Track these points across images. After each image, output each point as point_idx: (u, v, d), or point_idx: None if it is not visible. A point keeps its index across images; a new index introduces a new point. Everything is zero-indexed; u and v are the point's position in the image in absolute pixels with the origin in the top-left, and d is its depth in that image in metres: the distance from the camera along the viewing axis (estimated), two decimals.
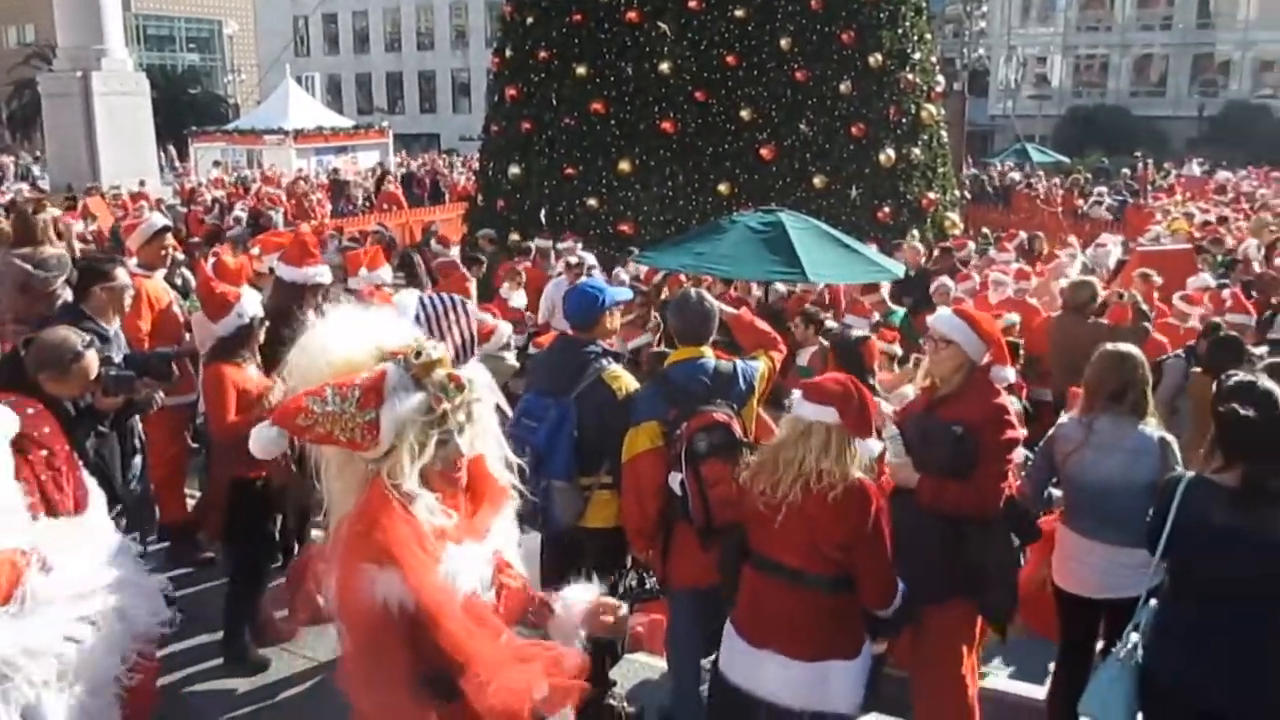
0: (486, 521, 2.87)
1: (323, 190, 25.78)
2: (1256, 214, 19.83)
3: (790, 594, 3.62)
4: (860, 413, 3.53)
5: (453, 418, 2.70)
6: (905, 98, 16.44)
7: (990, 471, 3.91)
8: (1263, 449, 3.38)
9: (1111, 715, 3.63)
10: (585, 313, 4.72)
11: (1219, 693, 3.42)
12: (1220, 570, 3.42)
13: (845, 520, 3.49)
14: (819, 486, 3.48)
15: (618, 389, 4.57)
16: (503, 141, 17.35)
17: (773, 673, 3.65)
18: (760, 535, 3.71)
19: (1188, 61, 53.58)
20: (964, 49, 37.19)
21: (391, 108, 63.19)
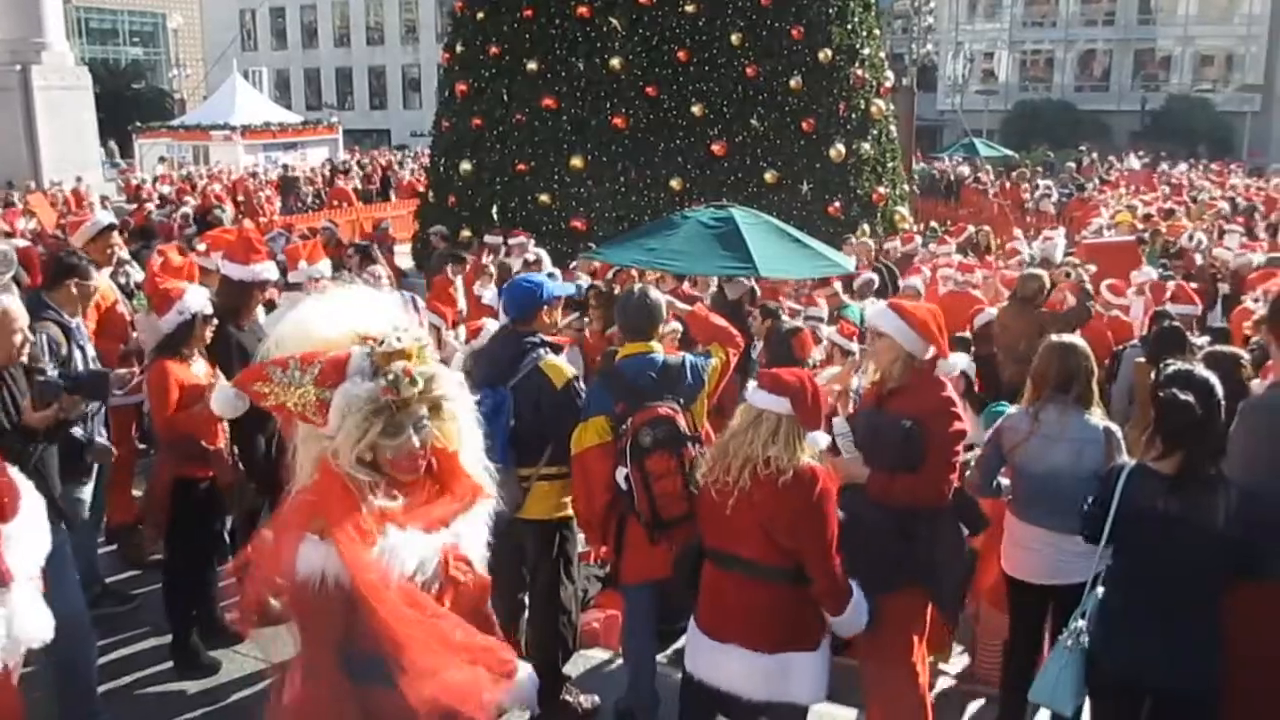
0: (442, 513, 2.84)
1: (271, 187, 25.50)
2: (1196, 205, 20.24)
3: (748, 586, 3.65)
4: (812, 405, 3.57)
5: (408, 410, 2.69)
6: (855, 93, 16.57)
7: (938, 463, 3.95)
8: (1198, 436, 3.46)
9: (1061, 702, 3.71)
10: (524, 306, 4.73)
11: (1160, 674, 3.50)
12: (1160, 555, 3.50)
13: (791, 503, 3.53)
14: (766, 473, 3.52)
15: (555, 379, 4.57)
16: (454, 137, 17.26)
17: (735, 665, 3.67)
18: (715, 530, 3.73)
19: (1130, 57, 54.52)
20: (912, 45, 37.47)
21: (341, 103, 62.55)
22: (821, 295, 9.21)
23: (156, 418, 5.04)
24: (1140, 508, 3.51)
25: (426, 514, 2.78)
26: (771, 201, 14.53)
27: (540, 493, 4.63)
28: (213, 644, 5.26)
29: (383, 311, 2.88)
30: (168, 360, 4.99)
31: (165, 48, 72.41)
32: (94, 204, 18.51)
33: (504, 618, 4.92)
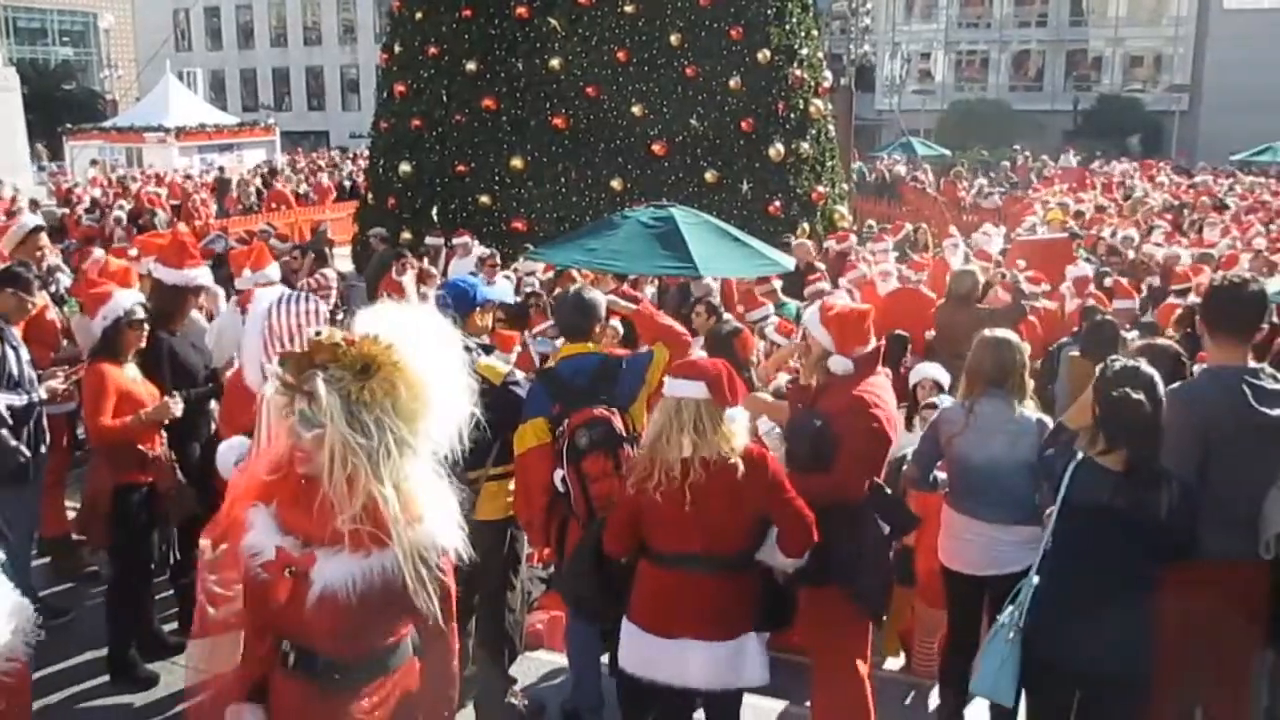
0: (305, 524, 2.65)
1: (207, 190, 25.09)
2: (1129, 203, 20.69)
3: (702, 581, 3.68)
4: (727, 384, 3.60)
5: (294, 408, 2.57)
6: (793, 93, 16.69)
7: (847, 462, 3.98)
8: (1147, 433, 3.53)
9: (1003, 693, 3.77)
10: (457, 308, 4.69)
11: (1097, 660, 3.57)
12: (1102, 547, 3.57)
13: (756, 486, 3.60)
14: (719, 467, 3.56)
15: (492, 378, 4.55)
16: (393, 139, 17.12)
17: (692, 659, 3.70)
18: (660, 530, 3.74)
19: (1062, 57, 55.53)
20: (850, 45, 37.81)
21: (278, 104, 61.68)
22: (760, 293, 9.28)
23: (90, 423, 4.95)
24: (1086, 501, 3.57)
25: (307, 518, 2.64)
26: (712, 201, 14.59)
27: (489, 493, 4.62)
28: (151, 656, 5.17)
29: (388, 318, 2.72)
30: (105, 364, 4.91)
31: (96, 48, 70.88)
32: (23, 208, 18.08)
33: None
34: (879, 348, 4.30)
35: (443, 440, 2.68)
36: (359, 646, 2.70)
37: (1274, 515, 3.79)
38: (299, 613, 2.60)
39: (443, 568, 2.66)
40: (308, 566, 2.59)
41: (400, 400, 2.53)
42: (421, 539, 2.59)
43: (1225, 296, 3.96)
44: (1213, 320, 3.98)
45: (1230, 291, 3.97)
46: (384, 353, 2.52)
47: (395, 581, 2.57)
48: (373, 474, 2.49)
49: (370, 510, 2.53)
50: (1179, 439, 3.67)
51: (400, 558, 2.55)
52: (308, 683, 2.70)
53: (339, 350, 2.50)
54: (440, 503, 2.66)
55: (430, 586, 2.60)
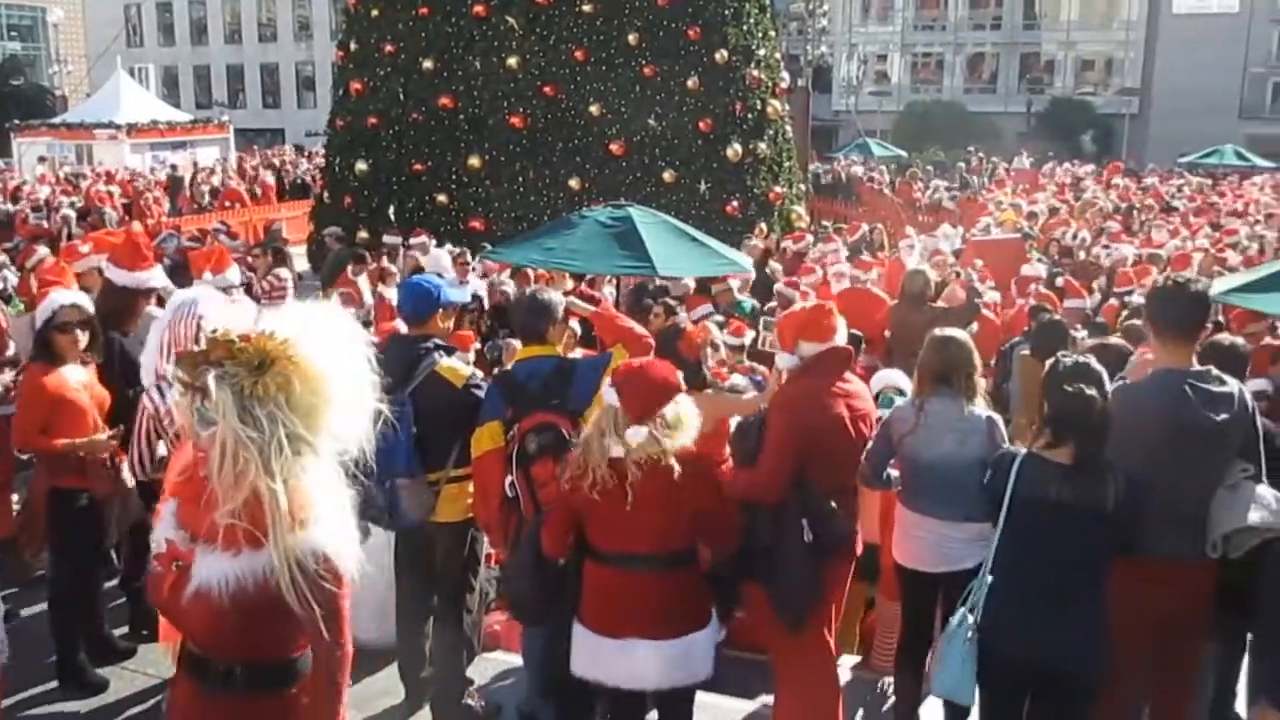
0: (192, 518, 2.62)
1: (160, 188, 24.73)
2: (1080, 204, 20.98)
3: (647, 580, 3.71)
4: (634, 396, 3.62)
5: (191, 407, 2.53)
6: (751, 93, 16.78)
7: (764, 458, 3.99)
8: (1094, 428, 3.59)
9: (964, 694, 3.81)
10: (419, 308, 4.68)
11: (1049, 655, 3.62)
12: (1051, 541, 3.62)
13: (694, 487, 3.64)
14: (654, 466, 3.59)
15: (454, 380, 4.54)
16: (349, 137, 17.02)
17: (640, 657, 3.72)
18: (601, 530, 3.76)
19: (1016, 60, 56.16)
20: (807, 46, 38.08)
21: (232, 102, 60.89)
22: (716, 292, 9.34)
23: (15, 431, 4.85)
24: (1034, 496, 3.62)
25: (194, 511, 2.60)
26: (670, 201, 14.64)
27: (450, 495, 4.61)
28: (100, 662, 5.10)
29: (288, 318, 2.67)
30: (38, 369, 4.81)
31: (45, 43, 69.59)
32: None
33: (411, 621, 4.91)
34: (834, 348, 4.31)
35: (349, 440, 2.60)
36: (248, 652, 2.59)
37: (1220, 516, 3.85)
38: (178, 609, 2.56)
39: (326, 576, 2.50)
40: (190, 561, 2.54)
41: (295, 395, 2.46)
42: (301, 543, 2.46)
43: (1169, 297, 4.00)
44: (1157, 321, 4.00)
45: (1174, 292, 4.01)
46: (280, 348, 2.47)
47: (272, 585, 2.46)
48: (263, 469, 2.41)
49: (250, 507, 2.44)
50: (1119, 439, 3.73)
51: (275, 560, 2.45)
52: (197, 684, 2.63)
53: (234, 347, 2.45)
54: (336, 508, 2.56)
55: (310, 595, 2.47)
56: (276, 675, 2.62)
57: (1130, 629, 3.80)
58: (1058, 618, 3.62)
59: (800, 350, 4.22)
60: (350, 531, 2.59)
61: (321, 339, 2.55)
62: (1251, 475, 3.92)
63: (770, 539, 4.01)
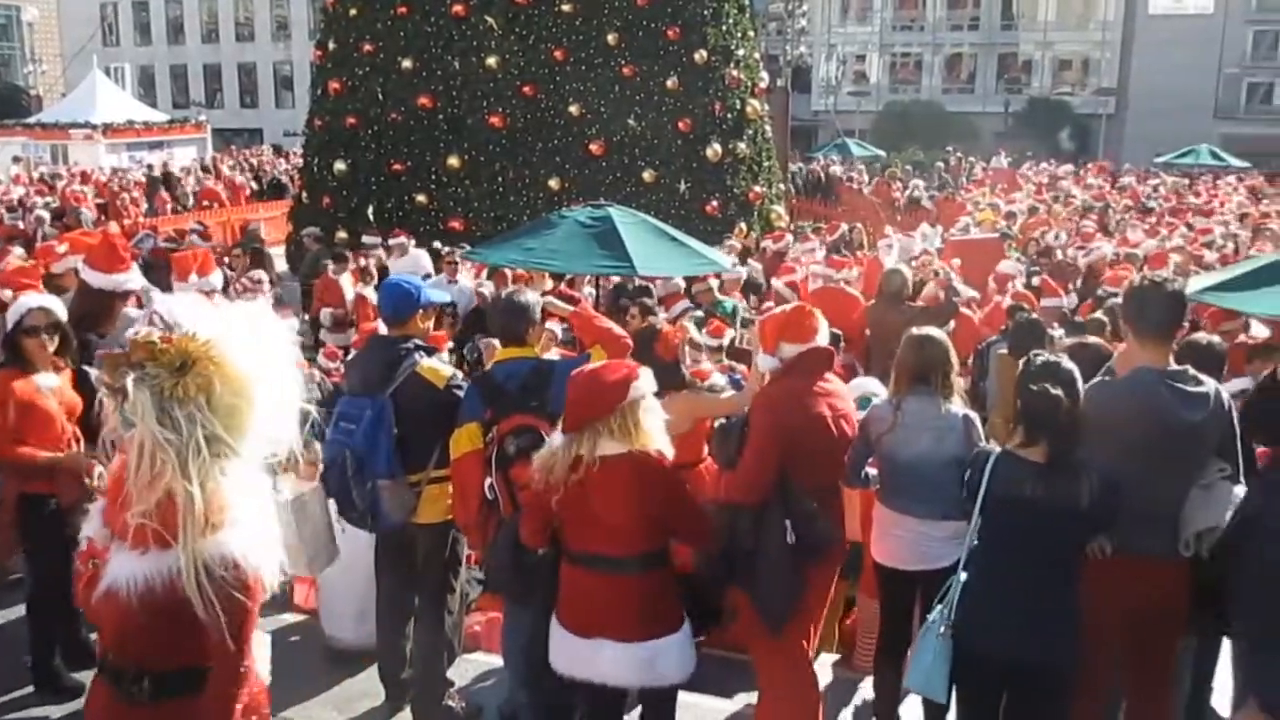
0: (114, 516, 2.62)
1: (137, 188, 24.56)
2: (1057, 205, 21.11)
3: (613, 582, 3.72)
4: (573, 406, 3.66)
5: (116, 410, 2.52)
6: (730, 93, 16.79)
7: (745, 459, 4.00)
8: (1064, 426, 3.61)
9: (936, 689, 3.83)
10: (399, 309, 4.67)
11: (1024, 649, 3.65)
12: (1025, 538, 3.66)
13: (650, 488, 3.65)
14: (607, 466, 3.60)
15: (435, 380, 4.54)
16: (327, 137, 16.94)
17: (608, 657, 3.74)
18: (568, 529, 3.78)
19: (994, 60, 56.44)
20: (786, 46, 38.23)
21: (210, 101, 60.49)
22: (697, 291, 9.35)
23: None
24: (1008, 493, 3.65)
25: (112, 506, 2.61)
26: (649, 200, 14.64)
27: (431, 496, 4.60)
28: (76, 666, 5.06)
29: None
30: (7, 373, 4.72)
31: (20, 42, 68.95)
32: None
33: (392, 622, 4.90)
34: (815, 348, 4.32)
35: (274, 442, 2.55)
36: (156, 655, 2.51)
37: (1193, 515, 3.88)
38: (90, 607, 2.54)
39: (235, 584, 2.42)
40: (104, 559, 2.52)
41: (216, 397, 2.42)
42: (210, 547, 2.39)
43: (1146, 297, 4.02)
44: (1134, 320, 4.02)
45: (1150, 291, 4.03)
46: (201, 349, 2.42)
47: (179, 588, 2.40)
48: (180, 470, 2.37)
49: (163, 508, 2.40)
50: (1096, 437, 3.75)
51: (182, 562, 2.38)
52: (110, 687, 2.57)
53: (156, 349, 2.42)
54: (257, 514, 2.49)
55: (217, 601, 2.39)
56: (184, 682, 2.52)
57: (1106, 626, 3.84)
58: (1031, 613, 3.65)
59: (781, 351, 4.24)
60: (272, 539, 2.52)
61: (246, 340, 2.51)
62: (1229, 475, 3.95)
63: (752, 541, 4.02)
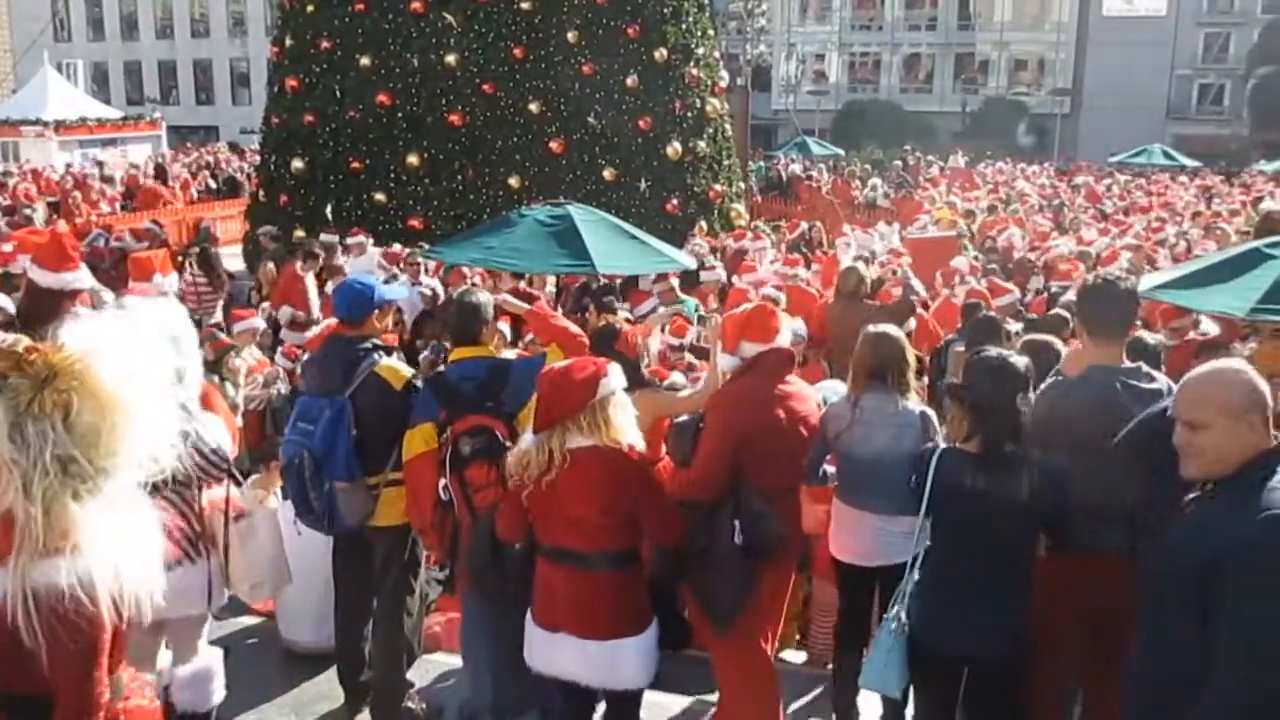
0: None
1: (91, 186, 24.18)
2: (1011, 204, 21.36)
3: (579, 577, 3.72)
4: (545, 403, 3.65)
5: None
6: (690, 92, 16.82)
7: (698, 457, 4.00)
8: (996, 417, 3.67)
9: (890, 685, 3.86)
10: (355, 309, 4.62)
11: (976, 643, 3.69)
12: (970, 530, 3.70)
13: (620, 484, 3.65)
14: (577, 461, 3.60)
15: (394, 381, 4.50)
16: (284, 134, 16.75)
17: (569, 654, 3.74)
18: (544, 526, 3.78)
19: (951, 60, 57.03)
20: (746, 45, 38.39)
21: (165, 98, 59.75)
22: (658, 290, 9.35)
23: None
24: (951, 486, 3.69)
25: None
26: (610, 199, 14.62)
27: (389, 498, 4.56)
28: None
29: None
30: None
31: None
32: None
33: (350, 624, 4.86)
34: (775, 349, 4.33)
35: (143, 464, 2.39)
36: (11, 677, 2.34)
37: None
38: None
39: (72, 615, 2.23)
40: None
41: (74, 415, 2.26)
42: (40, 574, 2.22)
43: (1098, 294, 4.07)
44: (1088, 319, 4.06)
45: (1103, 289, 4.07)
46: (66, 363, 2.27)
47: (8, 612, 2.23)
48: (23, 491, 2.22)
49: (3, 526, 2.25)
50: (1052, 434, 3.80)
51: (9, 587, 2.22)
52: None
53: (22, 359, 2.28)
54: (116, 541, 2.30)
55: (49, 631, 2.21)
56: (34, 709, 2.34)
57: (1066, 623, 3.89)
58: (979, 606, 3.69)
59: (742, 350, 4.25)
60: (136, 566, 2.34)
61: (121, 355, 2.36)
62: None
63: (704, 539, 4.02)
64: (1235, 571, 2.58)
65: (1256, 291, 5.81)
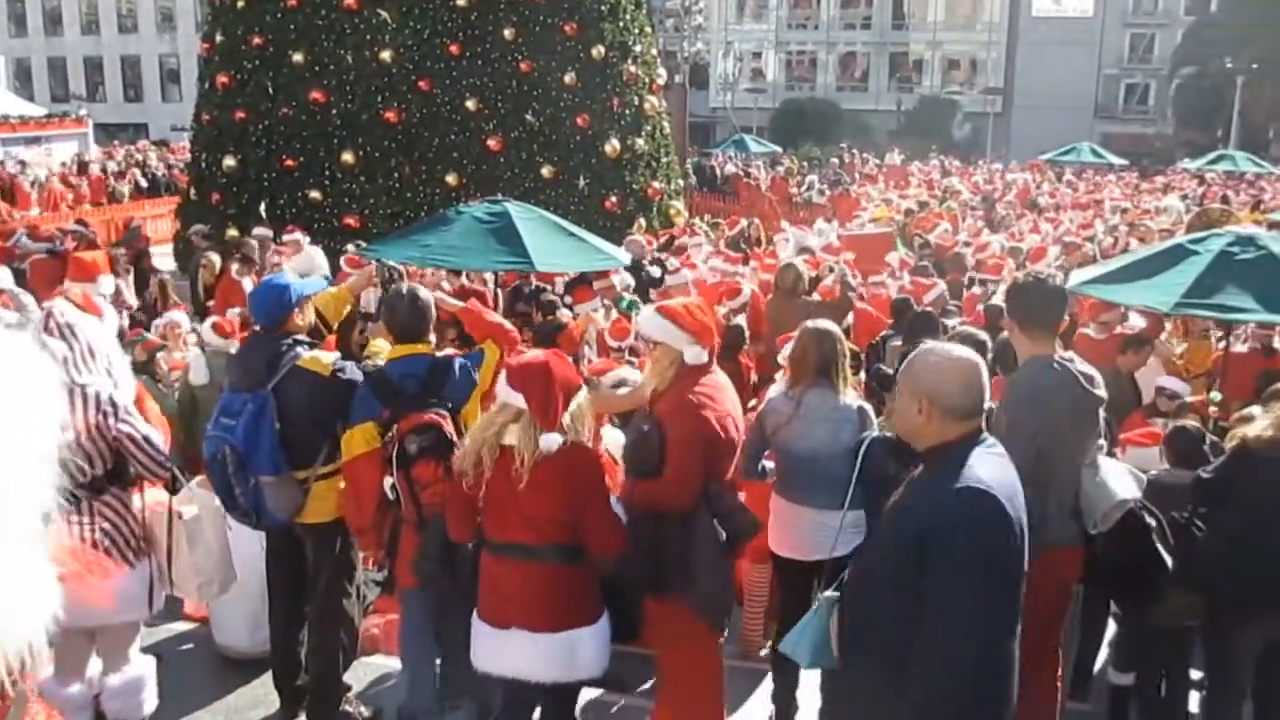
0: None
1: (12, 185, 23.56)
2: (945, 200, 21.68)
3: (528, 570, 3.69)
4: (544, 400, 3.61)
5: None
6: (628, 89, 16.84)
7: (674, 466, 3.90)
8: None
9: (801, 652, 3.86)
10: (273, 311, 4.53)
11: None
12: None
13: (572, 484, 3.61)
14: (539, 459, 3.57)
15: (319, 370, 4.41)
16: (215, 132, 16.46)
17: (521, 650, 3.71)
18: (488, 517, 3.76)
19: (885, 59, 57.72)
20: (684, 43, 38.48)
21: (91, 95, 58.40)
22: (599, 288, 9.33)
23: None
24: (878, 474, 3.76)
25: None
26: (549, 196, 14.60)
27: (318, 493, 4.49)
28: None
29: None
30: None
31: None
32: None
33: (285, 625, 4.79)
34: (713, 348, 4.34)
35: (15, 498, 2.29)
36: None
37: (1096, 494, 4.01)
38: None
39: None
40: None
41: None
42: None
43: (1030, 291, 4.13)
44: (1021, 316, 4.11)
45: (1034, 287, 4.15)
46: None
47: None
48: None
49: None
50: (1025, 426, 3.83)
51: None
52: None
53: None
54: None
55: None
56: None
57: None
58: None
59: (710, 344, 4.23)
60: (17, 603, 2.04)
61: None
62: (1104, 450, 4.14)
63: (683, 545, 3.93)
64: (932, 547, 2.67)
65: (1181, 287, 5.93)
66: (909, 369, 2.93)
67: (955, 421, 2.81)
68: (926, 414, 2.81)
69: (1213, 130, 45.78)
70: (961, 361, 2.86)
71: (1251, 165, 30.22)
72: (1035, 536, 3.83)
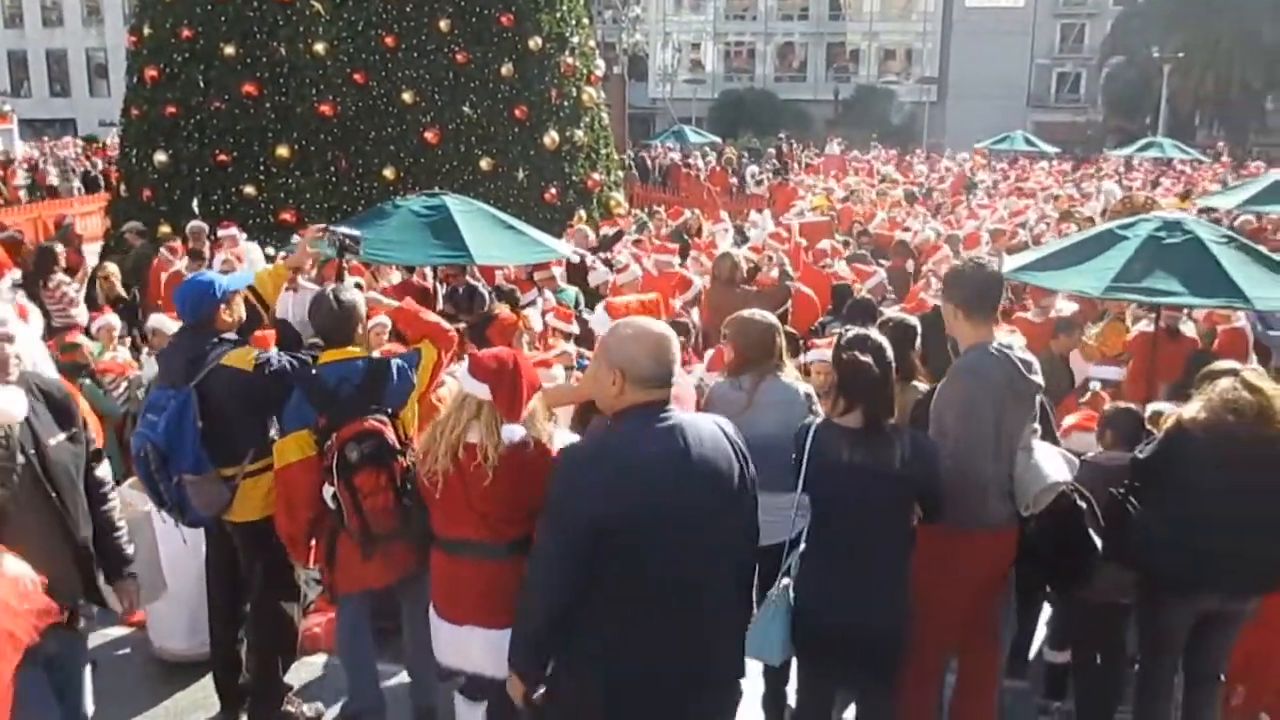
0: None
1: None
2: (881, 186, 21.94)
3: (481, 567, 3.69)
4: (510, 394, 3.59)
5: None
6: (566, 81, 16.77)
7: None
8: (877, 392, 3.77)
9: (770, 653, 3.90)
10: (198, 308, 4.45)
11: (855, 613, 3.77)
12: (848, 502, 3.79)
13: (534, 481, 3.57)
14: (500, 455, 3.57)
15: (243, 365, 4.32)
16: (145, 126, 16.10)
17: (479, 645, 3.70)
18: (439, 515, 3.74)
19: (823, 49, 58.17)
20: (622, 34, 38.43)
21: (15, 90, 56.92)
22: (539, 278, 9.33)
23: None
24: (828, 460, 3.77)
25: None
26: (488, 189, 14.52)
27: (246, 491, 4.41)
28: None
29: None
30: None
31: None
32: None
33: (223, 625, 4.72)
34: None
35: None
36: None
37: (1028, 477, 4.07)
38: None
39: None
40: None
41: None
42: None
43: (967, 278, 4.18)
44: (960, 302, 4.15)
45: (972, 273, 4.20)
46: None
47: None
48: None
49: None
50: (975, 413, 3.91)
51: None
52: None
53: None
54: None
55: None
56: None
57: (951, 598, 4.01)
58: (859, 578, 3.78)
59: None
60: None
61: None
62: (1039, 434, 4.20)
63: None
64: None
65: (1110, 272, 6.05)
66: (605, 342, 3.15)
67: (643, 390, 3.00)
68: (614, 379, 3.00)
69: (1141, 118, 46.72)
70: (655, 334, 3.04)
71: (1178, 152, 30.91)
72: (974, 519, 3.94)
